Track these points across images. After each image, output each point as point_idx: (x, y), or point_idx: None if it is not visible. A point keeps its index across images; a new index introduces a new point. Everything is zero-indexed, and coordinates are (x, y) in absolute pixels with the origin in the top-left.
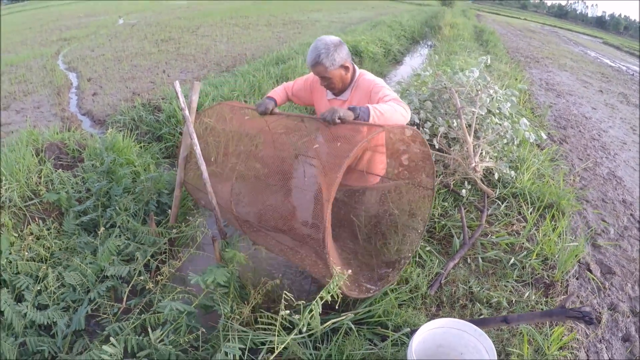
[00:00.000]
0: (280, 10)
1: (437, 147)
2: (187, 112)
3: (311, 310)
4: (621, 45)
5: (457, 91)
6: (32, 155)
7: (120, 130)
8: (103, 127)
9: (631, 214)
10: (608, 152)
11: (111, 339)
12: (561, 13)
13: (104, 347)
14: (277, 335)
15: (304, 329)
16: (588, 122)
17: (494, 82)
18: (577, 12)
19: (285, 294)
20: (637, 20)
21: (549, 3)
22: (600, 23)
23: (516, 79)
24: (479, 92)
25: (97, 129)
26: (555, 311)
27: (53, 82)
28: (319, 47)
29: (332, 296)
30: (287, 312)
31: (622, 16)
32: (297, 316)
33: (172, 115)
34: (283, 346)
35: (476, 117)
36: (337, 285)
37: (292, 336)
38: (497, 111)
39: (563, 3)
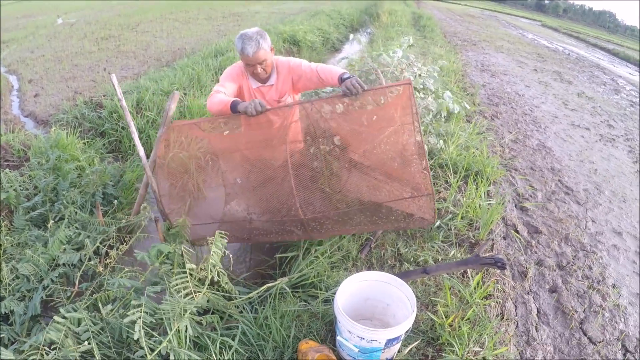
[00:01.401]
0: (220, 4)
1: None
2: (124, 102)
3: (214, 265)
4: (559, 27)
5: (383, 71)
6: None
7: (64, 128)
8: (47, 127)
9: (559, 180)
10: (539, 125)
11: (61, 309)
12: None
13: (55, 317)
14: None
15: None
16: (521, 99)
17: (417, 61)
18: None
19: (185, 247)
20: (577, 3)
21: None
22: (539, 6)
23: (451, 61)
24: (403, 70)
25: (41, 129)
26: (470, 259)
27: None
28: (253, 37)
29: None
30: (193, 266)
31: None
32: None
33: (114, 111)
34: (202, 293)
35: None
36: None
37: (205, 288)
38: (422, 87)
39: None
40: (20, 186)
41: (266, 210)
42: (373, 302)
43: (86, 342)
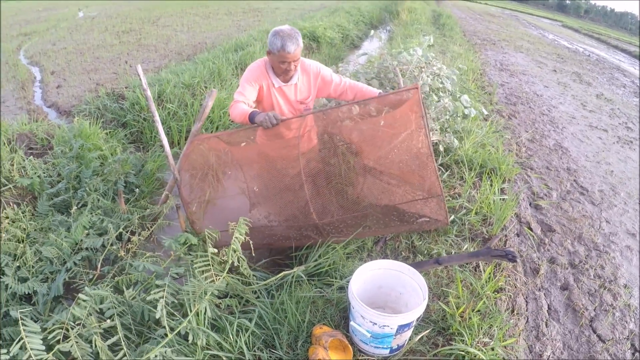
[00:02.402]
0: None
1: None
2: (148, 92)
3: (235, 250)
4: (580, 28)
5: (402, 70)
6: (4, 144)
7: (86, 119)
8: (69, 117)
9: (574, 180)
10: (556, 125)
11: (86, 288)
12: None
13: (80, 294)
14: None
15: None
16: (539, 99)
17: (437, 60)
18: None
19: (209, 232)
20: (598, 4)
21: None
22: (561, 7)
23: (469, 60)
24: (422, 69)
25: (64, 119)
26: (482, 251)
27: (17, 77)
28: (292, 35)
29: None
30: (215, 250)
31: (583, 0)
32: (224, 257)
33: (136, 102)
34: (222, 277)
35: None
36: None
37: (225, 272)
38: (441, 85)
39: None
40: (44, 173)
41: (285, 217)
42: (386, 290)
43: (108, 320)
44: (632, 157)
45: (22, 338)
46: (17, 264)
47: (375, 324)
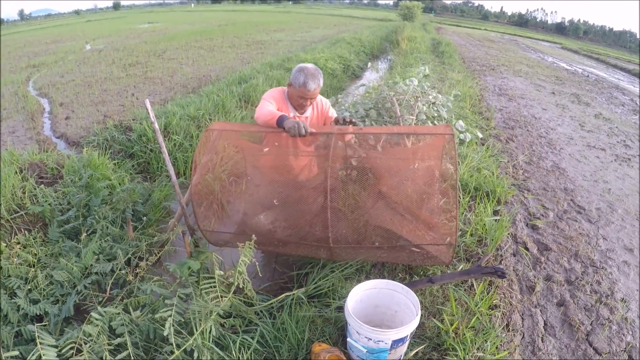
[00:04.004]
0: (244, 32)
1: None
2: (156, 125)
3: (241, 272)
4: (579, 49)
5: (398, 100)
6: (16, 173)
7: (95, 150)
8: (78, 148)
9: (571, 199)
10: (554, 147)
11: (98, 308)
12: (522, 22)
13: (92, 313)
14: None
15: (241, 286)
16: (537, 121)
17: (432, 90)
18: (537, 20)
19: (216, 255)
20: (597, 24)
21: (509, 12)
22: (560, 29)
23: (467, 86)
24: (418, 99)
25: (72, 150)
26: (472, 269)
27: (26, 108)
28: (315, 74)
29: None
30: (221, 272)
31: (582, 21)
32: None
33: (143, 134)
34: (228, 298)
35: (415, 123)
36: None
37: (231, 293)
38: (437, 114)
39: (523, 12)
40: (54, 201)
41: (290, 226)
42: (382, 309)
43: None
44: (630, 174)
45: (38, 350)
46: (29, 287)
47: (370, 339)
